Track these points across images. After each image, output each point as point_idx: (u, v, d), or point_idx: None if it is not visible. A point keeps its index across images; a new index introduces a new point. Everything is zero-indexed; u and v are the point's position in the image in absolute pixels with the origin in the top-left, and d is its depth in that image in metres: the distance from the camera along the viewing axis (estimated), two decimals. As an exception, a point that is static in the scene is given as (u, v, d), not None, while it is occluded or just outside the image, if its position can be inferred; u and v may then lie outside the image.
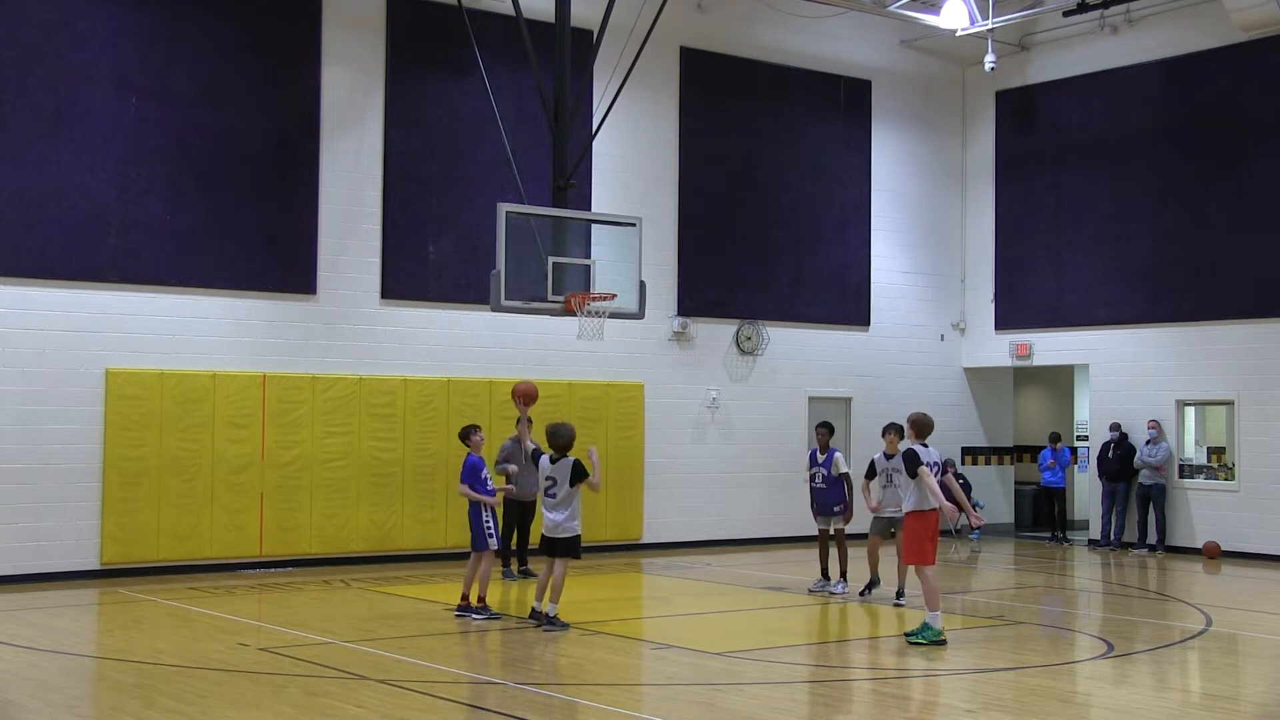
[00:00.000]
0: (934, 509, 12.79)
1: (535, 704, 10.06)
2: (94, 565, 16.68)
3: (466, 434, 14.34)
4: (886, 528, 15.16)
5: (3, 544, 16.19)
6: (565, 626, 13.04)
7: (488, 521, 13.76)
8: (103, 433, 16.77)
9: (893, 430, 14.79)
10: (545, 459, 13.29)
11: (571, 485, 13.08)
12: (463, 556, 18.73)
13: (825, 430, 16.51)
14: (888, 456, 14.77)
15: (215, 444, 17.36)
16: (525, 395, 15.57)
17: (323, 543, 18.08)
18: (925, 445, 13.67)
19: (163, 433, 17.06)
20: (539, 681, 10.98)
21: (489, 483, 14.03)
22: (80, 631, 13.65)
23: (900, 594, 14.92)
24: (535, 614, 13.27)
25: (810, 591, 15.93)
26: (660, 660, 11.98)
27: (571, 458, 13.13)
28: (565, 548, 13.15)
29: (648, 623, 14.83)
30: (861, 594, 15.51)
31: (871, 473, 15.36)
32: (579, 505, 13.24)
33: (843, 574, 15.99)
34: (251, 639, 12.64)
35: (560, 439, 13.19)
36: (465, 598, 13.88)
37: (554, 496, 13.11)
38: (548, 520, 13.19)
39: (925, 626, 12.45)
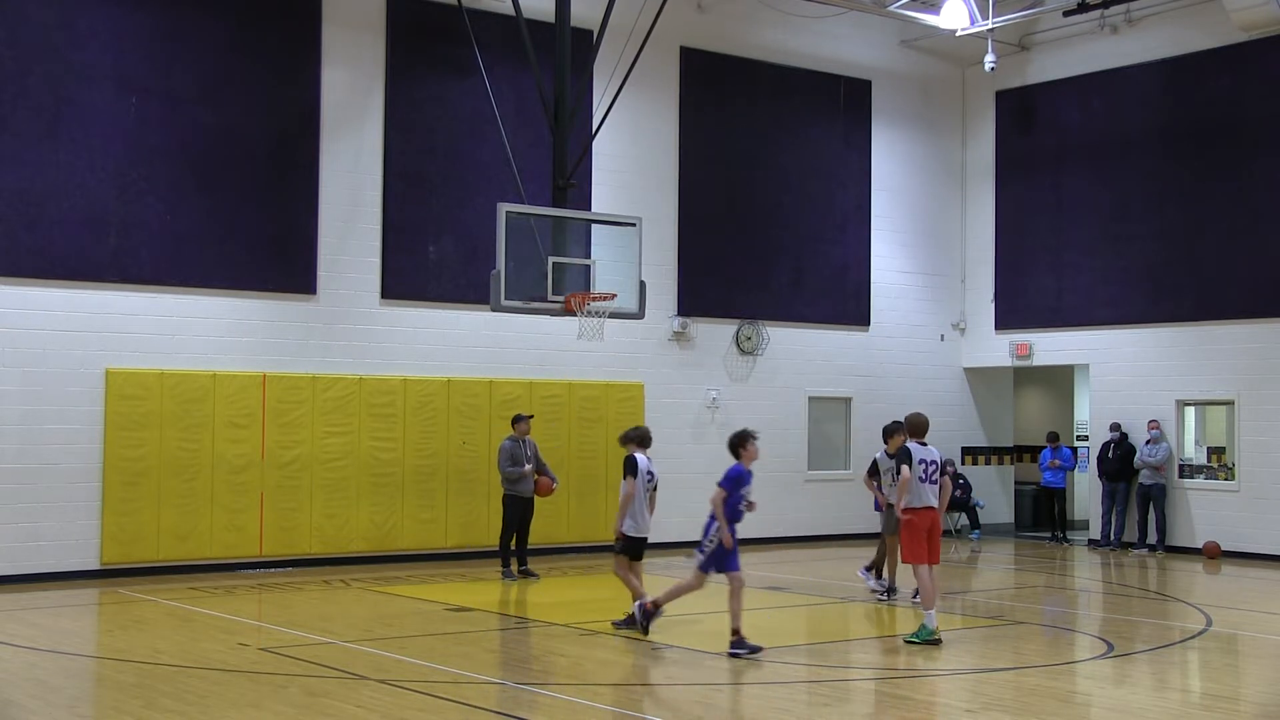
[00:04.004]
0: (924, 506, 12.82)
1: (535, 704, 10.06)
2: (94, 565, 16.68)
3: (741, 441, 12.40)
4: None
5: (3, 544, 16.19)
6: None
7: (711, 540, 12.10)
8: (103, 433, 16.77)
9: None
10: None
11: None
12: (463, 556, 18.85)
13: (900, 430, 16.63)
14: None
15: (215, 444, 17.36)
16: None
17: (323, 543, 18.08)
18: (924, 444, 13.44)
19: (163, 433, 17.06)
20: (539, 681, 10.98)
21: (741, 502, 12.24)
22: (80, 631, 13.66)
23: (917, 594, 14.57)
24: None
25: (873, 591, 15.82)
26: (660, 660, 11.98)
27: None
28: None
29: (648, 623, 14.83)
30: (881, 595, 15.39)
31: (874, 471, 15.68)
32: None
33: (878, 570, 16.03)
34: (251, 639, 12.64)
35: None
36: (735, 630, 11.95)
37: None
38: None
39: (921, 626, 12.50)
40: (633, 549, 13.26)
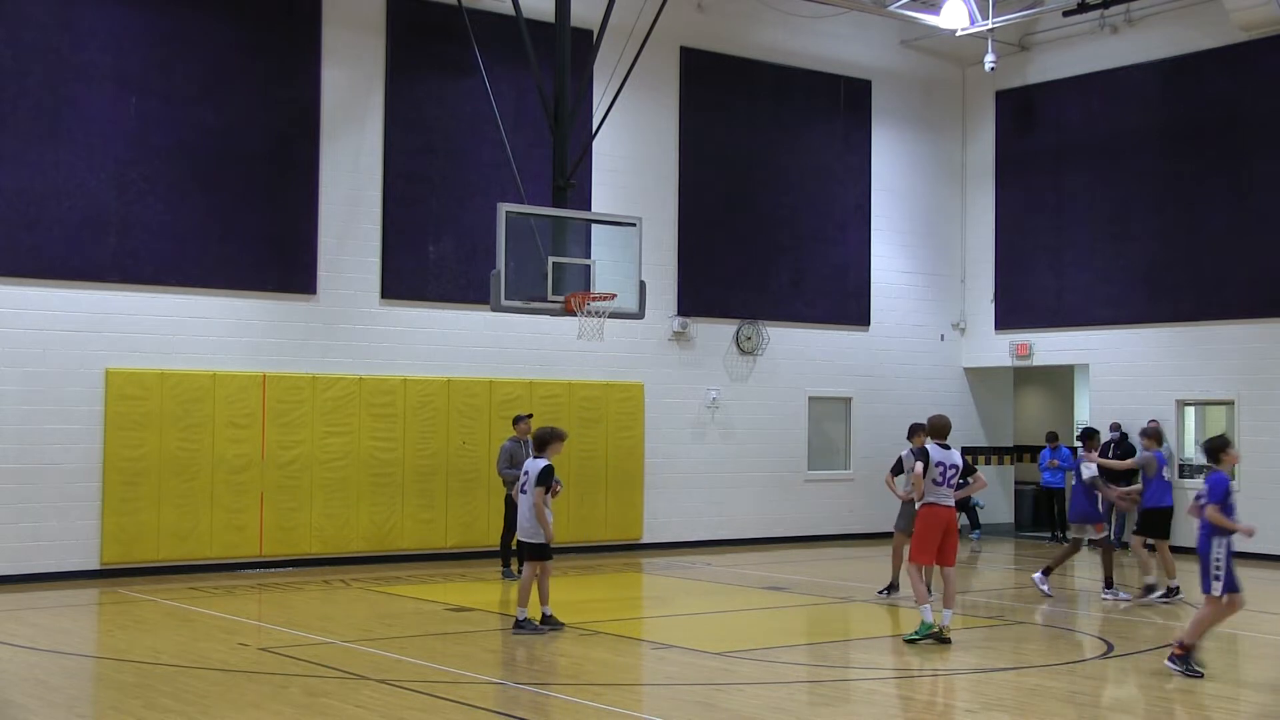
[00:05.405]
0: (934, 504, 12.76)
1: (535, 704, 10.07)
2: (94, 565, 16.68)
3: (1224, 446, 11.32)
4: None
5: (3, 544, 16.20)
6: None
7: (1217, 560, 10.96)
8: (103, 433, 16.77)
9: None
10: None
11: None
12: (463, 556, 18.84)
13: (1097, 436, 17.00)
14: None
15: (215, 444, 17.36)
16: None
17: (323, 543, 18.08)
18: (946, 446, 13.30)
19: (163, 433, 17.06)
20: (539, 681, 10.98)
21: (1234, 509, 11.01)
22: (80, 631, 13.66)
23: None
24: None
25: (1103, 599, 15.96)
26: (660, 660, 11.99)
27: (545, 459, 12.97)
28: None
29: (648, 623, 14.84)
30: (880, 592, 15.60)
31: (899, 469, 15.60)
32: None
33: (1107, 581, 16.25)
34: (251, 639, 12.64)
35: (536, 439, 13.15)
36: (1182, 645, 11.25)
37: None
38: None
39: (921, 623, 12.52)
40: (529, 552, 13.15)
